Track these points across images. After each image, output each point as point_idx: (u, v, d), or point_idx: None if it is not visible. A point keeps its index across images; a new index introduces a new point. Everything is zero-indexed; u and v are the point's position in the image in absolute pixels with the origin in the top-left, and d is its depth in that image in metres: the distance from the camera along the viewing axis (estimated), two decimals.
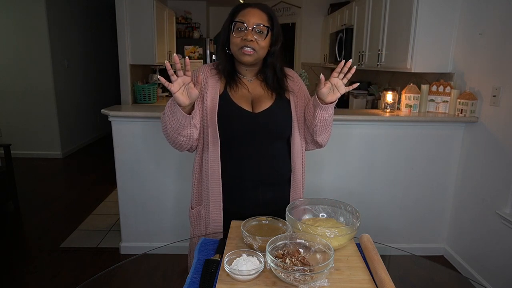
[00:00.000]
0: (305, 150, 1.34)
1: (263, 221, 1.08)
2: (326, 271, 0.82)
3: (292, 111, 1.27)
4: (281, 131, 1.25)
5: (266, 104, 1.23)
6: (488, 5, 2.22)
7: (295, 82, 1.32)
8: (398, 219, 2.58)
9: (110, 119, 2.33)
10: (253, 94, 1.25)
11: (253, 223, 1.07)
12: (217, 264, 0.96)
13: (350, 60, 1.11)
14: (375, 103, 3.76)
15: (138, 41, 3.91)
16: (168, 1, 5.80)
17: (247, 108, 1.21)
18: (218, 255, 1.01)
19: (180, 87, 1.03)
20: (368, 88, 4.02)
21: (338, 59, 4.12)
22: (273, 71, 1.26)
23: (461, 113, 2.35)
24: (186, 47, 5.53)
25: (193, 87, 1.04)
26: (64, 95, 5.01)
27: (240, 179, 1.23)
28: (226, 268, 0.85)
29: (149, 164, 2.41)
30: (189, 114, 1.10)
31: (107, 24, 6.18)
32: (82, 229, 2.93)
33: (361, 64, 3.55)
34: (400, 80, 3.44)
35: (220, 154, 1.21)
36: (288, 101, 1.28)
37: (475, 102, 2.31)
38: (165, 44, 4.53)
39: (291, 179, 1.30)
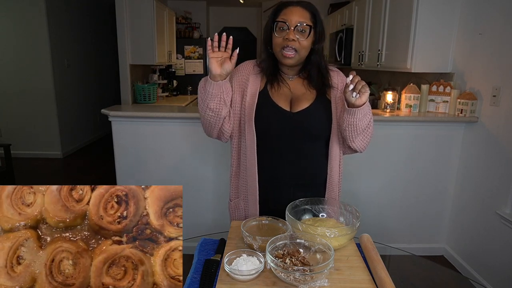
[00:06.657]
0: (343, 154, 1.30)
1: (263, 221, 1.08)
2: (326, 271, 0.82)
3: (333, 112, 1.23)
4: (317, 132, 1.23)
5: (304, 103, 1.21)
6: (488, 5, 2.22)
7: (338, 80, 1.27)
8: (398, 219, 2.58)
9: (110, 119, 2.33)
10: (293, 92, 1.24)
11: (253, 223, 1.07)
12: (217, 264, 0.96)
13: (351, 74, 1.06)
14: (375, 103, 3.75)
15: (138, 41, 3.91)
16: (168, 1, 5.80)
17: (285, 107, 1.21)
18: (218, 255, 1.01)
19: (218, 56, 1.09)
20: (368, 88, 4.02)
21: (338, 59, 4.12)
22: (317, 69, 1.23)
23: (461, 113, 2.35)
24: (186, 47, 5.52)
25: (228, 61, 1.09)
26: (64, 95, 5.00)
27: (275, 176, 1.24)
28: (226, 268, 0.86)
29: (149, 164, 2.41)
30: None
31: (107, 24, 6.17)
32: None
33: (361, 64, 3.55)
34: (400, 80, 3.44)
35: (257, 150, 1.22)
36: (330, 102, 1.24)
37: (475, 102, 2.31)
38: (165, 44, 4.53)
39: (327, 181, 1.28)
